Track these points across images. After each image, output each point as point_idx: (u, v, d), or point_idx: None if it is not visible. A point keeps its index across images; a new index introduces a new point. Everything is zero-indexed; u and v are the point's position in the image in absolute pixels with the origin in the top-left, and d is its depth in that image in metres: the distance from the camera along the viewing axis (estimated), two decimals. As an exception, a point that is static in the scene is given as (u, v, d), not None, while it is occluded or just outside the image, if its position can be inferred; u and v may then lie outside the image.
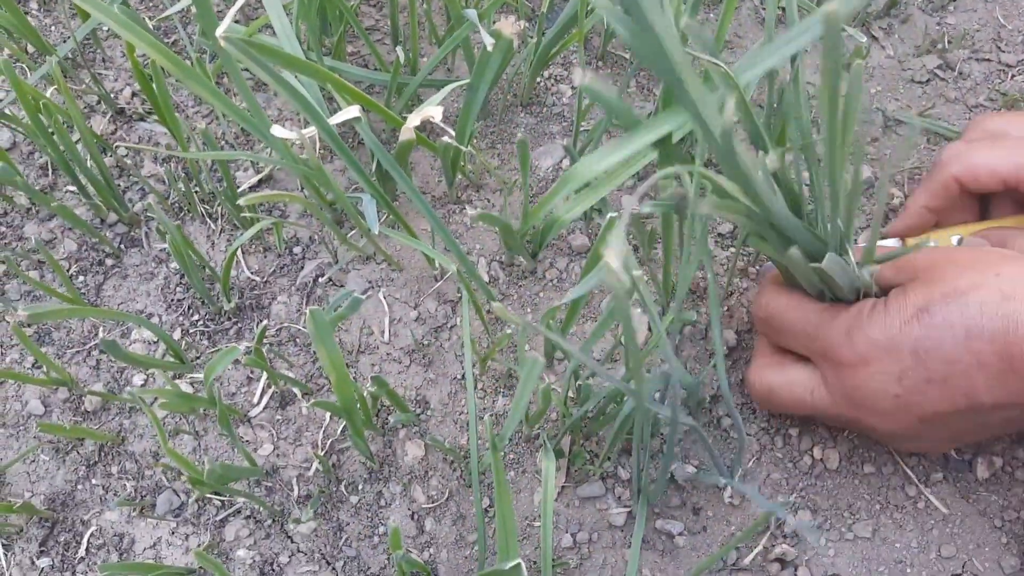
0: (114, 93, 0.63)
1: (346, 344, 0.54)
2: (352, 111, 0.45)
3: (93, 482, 0.51)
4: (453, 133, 0.52)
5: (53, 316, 0.44)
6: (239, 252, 0.57)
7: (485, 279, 0.55)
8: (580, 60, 0.59)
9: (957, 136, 0.59)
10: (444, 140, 0.50)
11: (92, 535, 0.50)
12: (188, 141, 0.58)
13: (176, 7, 0.61)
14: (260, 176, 0.59)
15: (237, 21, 0.65)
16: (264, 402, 0.53)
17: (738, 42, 0.66)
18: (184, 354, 0.53)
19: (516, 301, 0.55)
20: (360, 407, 0.46)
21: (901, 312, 0.39)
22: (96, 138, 0.58)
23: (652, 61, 0.30)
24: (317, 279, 0.56)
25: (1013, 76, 0.64)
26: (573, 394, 0.50)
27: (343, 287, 0.56)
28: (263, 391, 0.53)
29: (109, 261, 0.57)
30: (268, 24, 0.53)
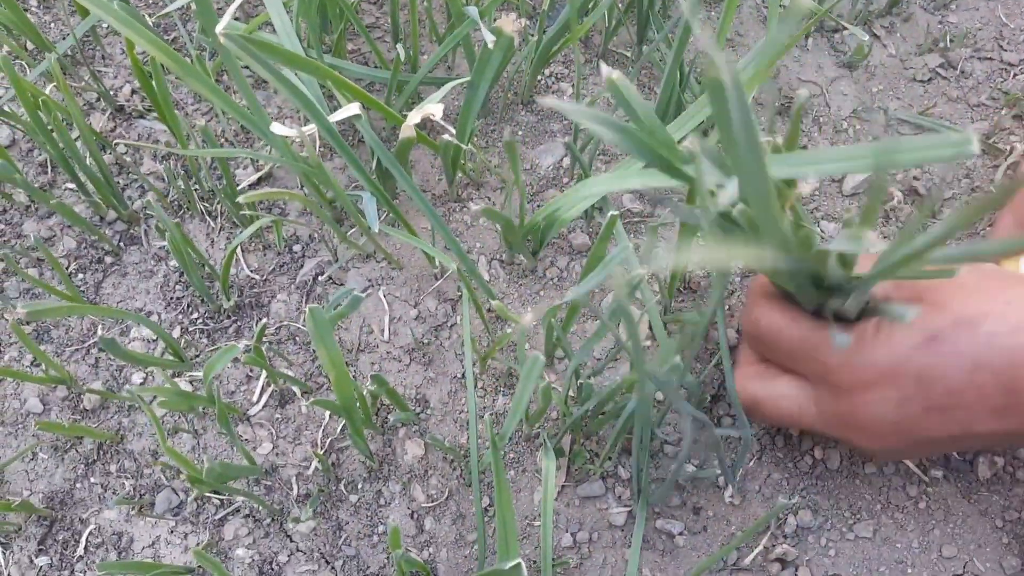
0: (113, 90, 0.63)
1: (346, 342, 0.54)
2: (352, 108, 0.45)
3: (92, 480, 0.51)
4: (454, 131, 0.51)
5: (52, 314, 0.44)
6: (239, 250, 0.57)
7: (485, 277, 0.55)
8: (576, 61, 0.59)
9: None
10: (444, 138, 0.50)
11: (91, 534, 0.49)
12: (188, 138, 0.58)
13: (176, 4, 0.61)
14: (260, 174, 0.59)
15: (237, 18, 0.65)
16: (263, 401, 0.53)
17: (740, 40, 0.66)
18: (183, 352, 0.53)
19: (516, 300, 0.55)
20: (360, 406, 0.46)
21: (909, 337, 0.37)
22: (95, 135, 0.58)
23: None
24: (317, 277, 0.56)
25: (1015, 75, 0.64)
26: (574, 393, 0.50)
27: (343, 285, 0.56)
28: (262, 389, 0.53)
29: (108, 259, 0.57)
30: (268, 21, 0.53)
